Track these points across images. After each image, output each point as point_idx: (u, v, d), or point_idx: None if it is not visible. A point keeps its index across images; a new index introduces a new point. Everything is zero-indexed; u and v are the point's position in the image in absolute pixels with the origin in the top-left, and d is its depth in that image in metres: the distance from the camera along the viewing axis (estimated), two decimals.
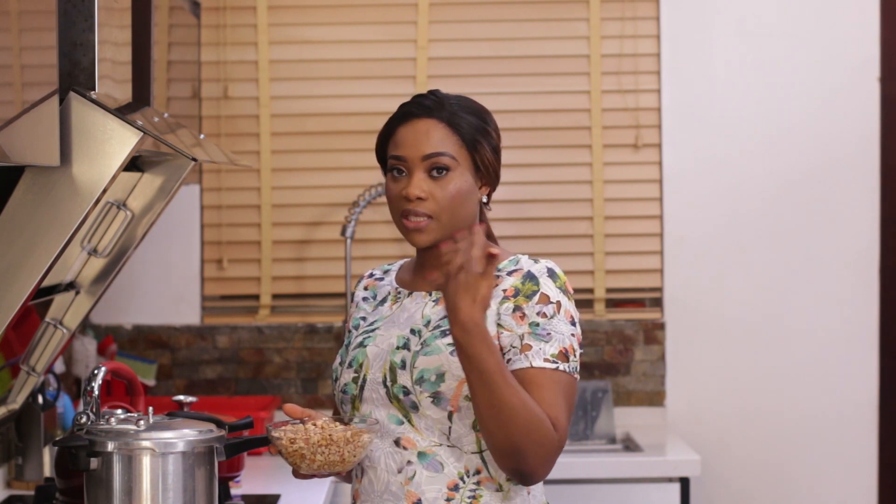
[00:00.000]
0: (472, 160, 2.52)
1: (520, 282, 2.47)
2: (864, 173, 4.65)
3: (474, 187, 2.53)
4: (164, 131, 2.96)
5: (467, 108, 2.55)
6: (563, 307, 2.45)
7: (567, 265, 4.69)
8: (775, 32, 4.66)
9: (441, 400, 2.43)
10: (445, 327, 2.46)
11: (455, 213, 2.50)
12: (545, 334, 2.43)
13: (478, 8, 4.70)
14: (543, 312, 2.44)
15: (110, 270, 3.36)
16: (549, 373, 2.42)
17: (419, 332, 2.49)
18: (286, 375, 4.67)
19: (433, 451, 2.46)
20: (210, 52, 4.65)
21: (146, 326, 4.68)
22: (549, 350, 2.42)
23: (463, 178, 2.51)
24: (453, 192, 2.50)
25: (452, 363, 2.43)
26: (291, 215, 4.71)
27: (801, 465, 4.65)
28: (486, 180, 2.55)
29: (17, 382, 3.51)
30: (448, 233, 2.49)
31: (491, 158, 2.54)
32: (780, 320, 4.66)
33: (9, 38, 2.35)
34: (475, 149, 2.52)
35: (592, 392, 4.54)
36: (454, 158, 2.50)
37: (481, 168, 2.53)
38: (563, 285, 2.48)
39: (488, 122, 2.57)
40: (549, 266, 2.49)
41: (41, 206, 2.56)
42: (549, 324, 2.43)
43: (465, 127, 2.52)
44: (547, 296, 2.45)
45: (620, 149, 4.70)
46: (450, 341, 2.44)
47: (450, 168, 2.49)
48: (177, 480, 2.49)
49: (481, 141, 2.53)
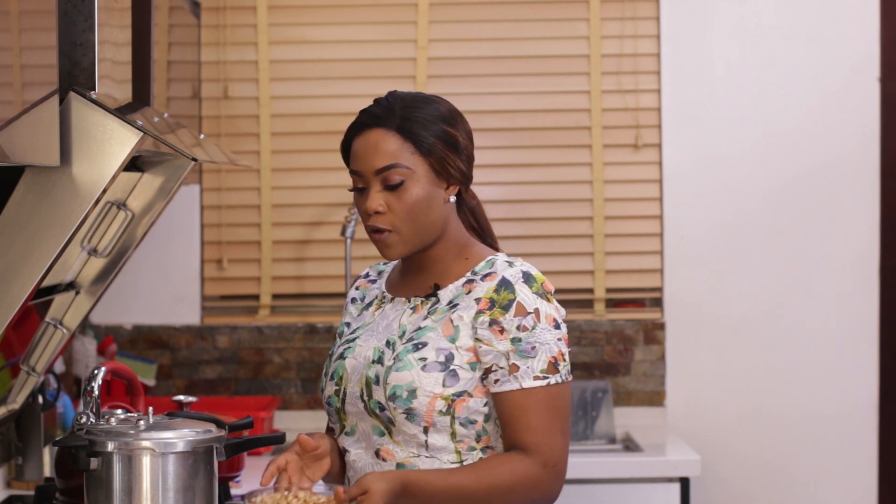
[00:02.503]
0: (429, 165, 2.44)
1: (494, 290, 2.41)
2: (864, 173, 4.65)
3: (435, 191, 2.45)
4: (164, 131, 2.96)
5: (419, 110, 2.46)
6: (542, 313, 2.40)
7: (567, 265, 4.70)
8: (775, 32, 4.66)
9: (415, 416, 2.41)
10: (418, 340, 2.43)
11: (417, 223, 2.44)
12: (530, 349, 2.39)
13: (478, 8, 4.70)
14: (523, 325, 2.39)
15: (110, 270, 3.36)
16: (539, 393, 2.38)
17: (393, 345, 2.46)
18: (286, 375, 4.67)
19: (411, 462, 2.45)
20: (210, 52, 4.65)
21: (146, 326, 4.68)
22: (538, 366, 2.39)
23: (419, 187, 2.43)
24: (410, 204, 2.43)
25: (424, 379, 2.40)
26: (291, 215, 4.71)
27: (801, 465, 4.65)
28: (451, 180, 2.47)
29: (17, 382, 3.50)
30: (418, 241, 2.44)
31: (449, 158, 2.45)
32: (779, 320, 4.66)
33: (9, 38, 2.34)
34: (429, 153, 2.44)
35: (592, 392, 4.54)
36: (407, 168, 2.43)
37: (440, 170, 2.45)
38: (539, 289, 2.42)
39: (445, 120, 2.47)
40: (524, 269, 2.43)
41: (41, 206, 2.56)
42: (532, 336, 2.39)
43: (416, 132, 2.44)
44: (524, 305, 2.39)
45: (620, 149, 4.70)
46: (421, 356, 2.41)
47: (404, 179, 2.43)
48: (177, 480, 2.49)
49: (435, 143, 2.44)
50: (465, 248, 2.50)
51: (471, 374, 2.41)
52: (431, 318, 2.45)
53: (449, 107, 2.52)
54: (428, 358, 2.41)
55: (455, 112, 2.51)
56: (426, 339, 2.43)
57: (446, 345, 2.42)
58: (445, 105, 2.51)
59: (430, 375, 2.40)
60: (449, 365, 2.40)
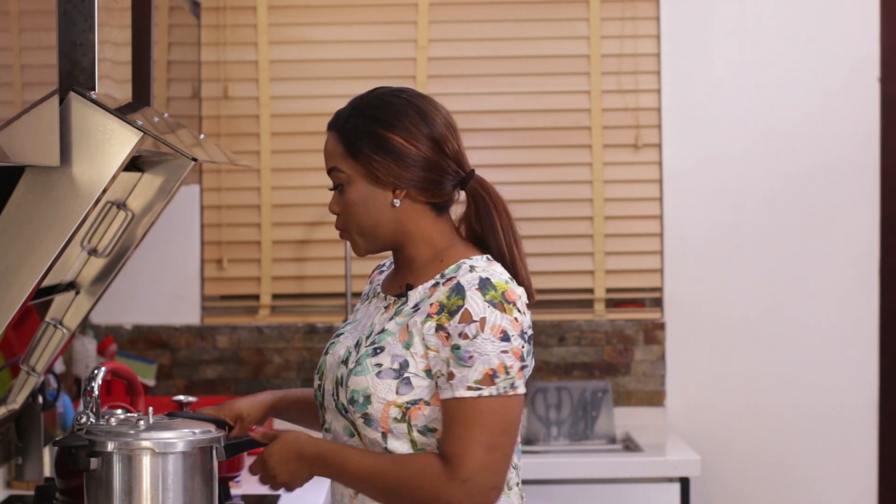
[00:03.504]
0: (363, 169, 2.42)
1: (445, 296, 2.37)
2: (864, 173, 4.65)
3: (375, 194, 2.42)
4: (164, 131, 2.96)
5: (361, 113, 2.43)
6: (488, 324, 2.33)
7: (567, 265, 4.70)
8: (775, 32, 4.66)
9: (371, 421, 2.40)
10: (378, 344, 2.42)
11: (358, 225, 2.45)
12: (467, 358, 2.33)
13: (478, 8, 4.70)
14: (465, 333, 2.33)
15: (110, 270, 3.36)
16: (468, 404, 2.33)
17: (359, 346, 2.45)
18: (286, 375, 4.67)
19: None
20: (210, 52, 4.65)
21: (146, 326, 4.68)
22: (472, 376, 2.33)
23: (355, 189, 2.42)
24: (348, 207, 2.44)
25: (378, 386, 2.38)
26: (291, 215, 4.71)
27: (801, 465, 4.65)
28: (393, 184, 2.42)
29: (17, 382, 3.50)
30: (370, 242, 2.46)
31: (378, 163, 2.40)
32: (779, 320, 4.66)
33: (9, 38, 2.34)
34: (359, 157, 2.41)
35: (592, 392, 4.54)
36: (343, 171, 2.43)
37: (372, 176, 2.41)
38: (497, 297, 2.35)
39: (383, 123, 2.41)
40: (483, 276, 2.36)
41: (41, 206, 2.56)
42: (472, 345, 2.32)
43: (349, 134, 2.42)
44: (470, 313, 2.33)
45: (620, 149, 4.70)
46: (378, 361, 2.40)
47: (342, 182, 2.44)
48: (177, 480, 2.49)
49: (365, 149, 2.41)
50: (444, 250, 2.46)
51: (427, 382, 2.38)
52: (395, 321, 2.43)
53: (403, 111, 2.43)
54: (383, 364, 2.39)
55: (407, 117, 2.43)
56: (384, 343, 2.41)
57: (401, 351, 2.39)
58: (399, 109, 2.43)
59: (384, 382, 2.38)
60: (403, 373, 2.38)
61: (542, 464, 4.19)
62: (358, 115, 2.44)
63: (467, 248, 2.47)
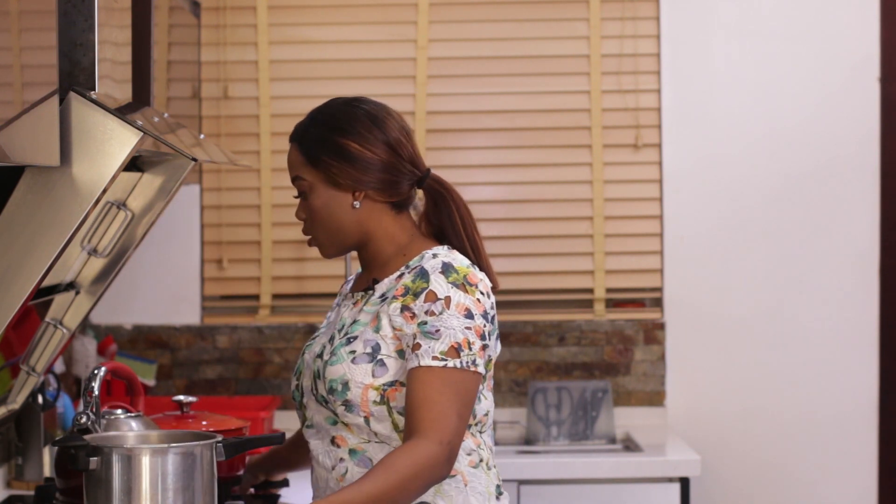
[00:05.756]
0: (322, 175, 2.55)
1: (410, 280, 2.49)
2: (864, 173, 4.65)
3: (337, 198, 2.55)
4: (164, 131, 2.96)
5: (317, 122, 2.58)
6: (453, 301, 2.45)
7: (567, 265, 4.70)
8: (775, 32, 4.66)
9: (352, 407, 2.48)
10: (351, 333, 2.51)
11: (325, 229, 2.57)
12: (434, 331, 2.43)
13: (478, 8, 4.70)
14: (431, 310, 2.44)
15: (110, 270, 3.36)
16: (436, 372, 2.42)
17: (333, 339, 2.55)
18: (286, 375, 4.67)
19: (363, 447, 2.51)
20: (210, 52, 4.65)
21: (146, 326, 4.68)
22: (438, 347, 2.42)
23: (317, 196, 2.55)
24: (313, 212, 2.56)
25: (354, 371, 2.48)
26: (291, 215, 4.69)
27: (801, 465, 4.65)
28: (352, 187, 2.54)
29: (17, 382, 3.50)
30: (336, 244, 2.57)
31: (340, 169, 2.53)
32: (780, 320, 4.66)
33: (9, 38, 2.34)
34: (318, 164, 2.54)
35: (592, 392, 4.54)
36: (305, 179, 2.56)
37: (331, 182, 2.54)
38: (458, 279, 2.47)
39: (337, 130, 2.55)
40: (445, 261, 2.49)
41: (41, 206, 2.56)
42: (438, 320, 2.44)
43: (308, 144, 2.56)
44: (434, 293, 2.45)
45: (620, 149, 4.70)
46: (352, 348, 2.49)
47: (305, 190, 2.56)
48: (177, 480, 2.49)
49: (322, 156, 2.54)
50: (405, 246, 2.58)
51: (399, 363, 2.48)
52: (365, 311, 2.54)
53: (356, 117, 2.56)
54: (357, 350, 2.49)
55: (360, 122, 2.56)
56: (357, 332, 2.51)
57: (372, 335, 2.49)
58: (352, 116, 2.57)
59: (360, 367, 2.48)
60: (376, 355, 2.48)
61: (542, 464, 4.19)
62: (316, 125, 2.58)
63: (428, 242, 2.59)
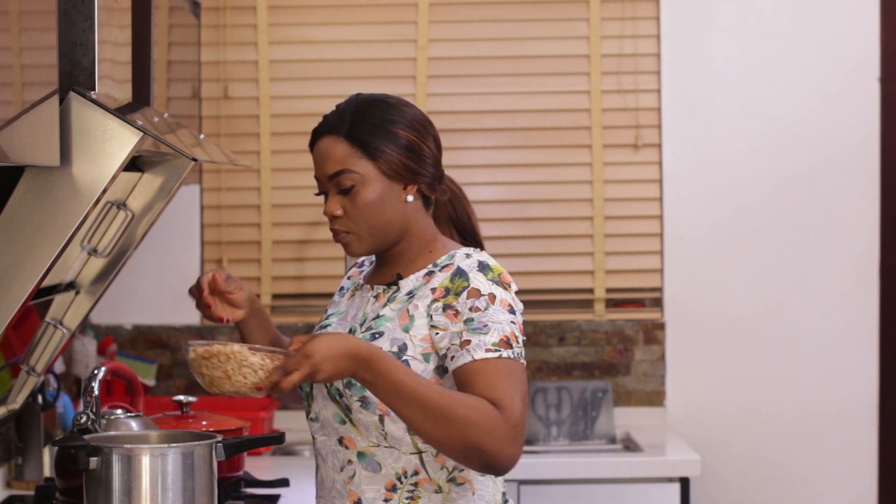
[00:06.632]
0: (379, 168, 2.48)
1: (449, 280, 2.45)
2: (864, 173, 4.65)
3: (390, 192, 2.49)
4: (164, 131, 2.96)
5: (369, 115, 2.50)
6: (497, 298, 2.42)
7: (567, 265, 4.70)
8: (775, 32, 4.67)
9: (369, 404, 2.42)
10: (376, 329, 2.46)
11: (372, 224, 2.49)
12: (482, 326, 2.40)
13: (478, 8, 4.71)
14: (476, 306, 2.41)
15: (110, 270, 3.36)
16: (492, 362, 2.37)
17: (354, 333, 2.49)
18: None
19: (371, 451, 2.46)
20: (210, 52, 4.65)
21: (146, 326, 4.68)
22: (490, 340, 2.38)
23: (370, 189, 2.47)
24: (362, 207, 2.48)
25: None
26: (291, 215, 4.71)
27: (802, 465, 4.65)
28: (408, 180, 2.50)
29: (17, 382, 3.51)
30: (377, 240, 2.50)
31: (399, 160, 2.48)
32: (779, 320, 4.66)
33: (9, 38, 2.35)
34: (376, 157, 2.47)
35: (592, 392, 4.54)
36: (356, 172, 2.48)
37: (391, 173, 2.49)
38: (496, 277, 2.45)
39: (396, 123, 2.50)
40: (480, 260, 2.47)
41: (41, 206, 2.56)
42: (485, 315, 2.40)
43: (363, 136, 2.48)
44: (478, 290, 2.42)
45: (620, 149, 4.70)
46: (377, 345, 2.42)
47: (354, 184, 2.48)
48: (177, 480, 2.49)
49: (382, 146, 2.48)
50: (431, 243, 2.54)
51: (423, 366, 2.42)
52: (390, 307, 2.49)
53: (405, 111, 2.53)
54: (382, 347, 2.42)
55: (410, 116, 2.53)
56: (383, 328, 2.46)
57: (401, 334, 2.44)
58: (401, 109, 2.53)
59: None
60: (401, 355, 2.42)
61: (542, 464, 4.19)
62: (365, 117, 2.49)
63: (450, 242, 2.57)
